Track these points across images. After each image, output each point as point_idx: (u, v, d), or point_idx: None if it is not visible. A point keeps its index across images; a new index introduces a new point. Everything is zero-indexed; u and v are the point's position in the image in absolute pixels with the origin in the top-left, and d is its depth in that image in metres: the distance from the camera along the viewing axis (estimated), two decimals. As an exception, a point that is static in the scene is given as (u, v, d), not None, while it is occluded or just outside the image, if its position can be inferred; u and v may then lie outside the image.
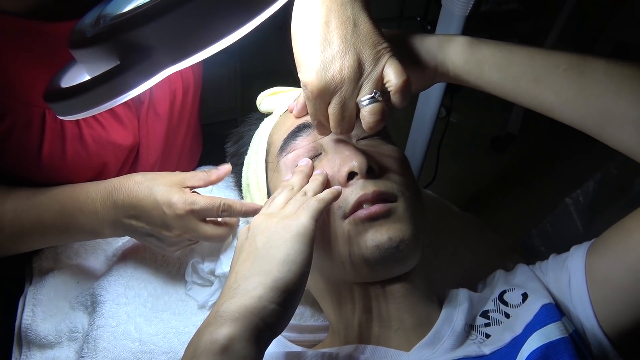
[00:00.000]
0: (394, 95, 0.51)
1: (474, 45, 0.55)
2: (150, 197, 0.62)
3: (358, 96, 0.51)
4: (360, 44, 0.50)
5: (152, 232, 0.64)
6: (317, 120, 0.55)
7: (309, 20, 0.51)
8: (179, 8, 0.38)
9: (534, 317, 0.54)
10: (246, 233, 0.52)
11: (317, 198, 0.53)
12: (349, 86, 0.50)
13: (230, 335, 0.41)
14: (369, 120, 0.51)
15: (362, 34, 0.50)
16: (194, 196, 0.63)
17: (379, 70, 0.50)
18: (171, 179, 0.64)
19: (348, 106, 0.52)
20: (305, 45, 0.51)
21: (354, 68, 0.50)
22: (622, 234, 0.54)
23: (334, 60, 0.49)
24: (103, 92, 0.41)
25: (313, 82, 0.50)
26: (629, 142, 0.50)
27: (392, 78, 0.50)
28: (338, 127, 0.53)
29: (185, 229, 0.64)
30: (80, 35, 0.44)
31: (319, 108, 0.53)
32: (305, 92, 0.52)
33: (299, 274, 0.46)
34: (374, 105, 0.50)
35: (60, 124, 0.63)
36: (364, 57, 0.50)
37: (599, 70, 0.51)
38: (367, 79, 0.50)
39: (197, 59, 0.42)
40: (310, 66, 0.50)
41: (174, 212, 0.61)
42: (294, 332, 0.67)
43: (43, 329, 0.67)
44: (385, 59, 0.50)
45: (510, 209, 1.61)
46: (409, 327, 0.58)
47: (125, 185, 0.64)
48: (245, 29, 0.42)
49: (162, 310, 0.67)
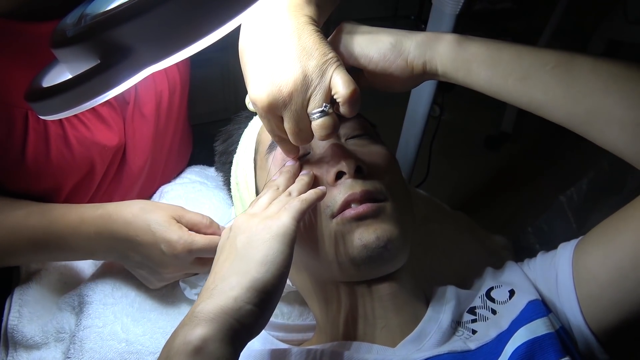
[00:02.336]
0: (342, 106, 0.51)
1: (462, 43, 0.55)
2: (148, 234, 0.61)
3: (308, 108, 0.51)
4: (305, 57, 0.50)
5: (146, 266, 0.64)
6: (276, 135, 0.56)
7: (256, 38, 0.51)
8: (159, 7, 0.37)
9: (520, 313, 0.55)
10: (228, 233, 0.52)
11: (300, 198, 0.52)
12: (297, 99, 0.50)
13: (204, 336, 0.41)
14: (321, 134, 0.52)
15: (306, 46, 0.50)
16: (192, 236, 0.61)
17: (326, 82, 0.50)
18: (168, 213, 0.62)
19: (300, 119, 0.52)
20: (252, 63, 0.51)
21: (300, 81, 0.50)
22: (610, 231, 0.54)
23: (279, 75, 0.50)
24: (83, 91, 0.41)
25: (262, 97, 0.51)
26: (615, 141, 0.50)
27: (340, 89, 0.50)
28: (297, 140, 0.54)
29: (180, 267, 0.63)
30: (61, 34, 0.43)
31: (273, 123, 0.54)
32: (256, 109, 0.53)
33: (278, 275, 0.46)
34: (324, 119, 0.51)
35: (43, 125, 0.62)
36: (309, 69, 0.50)
37: (586, 68, 0.50)
38: (314, 90, 0.50)
39: (178, 57, 0.41)
40: (257, 82, 0.51)
41: (172, 252, 0.60)
42: (281, 331, 0.67)
43: (30, 329, 0.66)
44: (331, 69, 0.50)
45: (503, 207, 1.61)
46: (395, 325, 0.58)
47: (122, 217, 0.62)
48: (228, 27, 0.41)
49: (149, 311, 0.67)
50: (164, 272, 0.64)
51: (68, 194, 0.70)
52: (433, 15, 0.92)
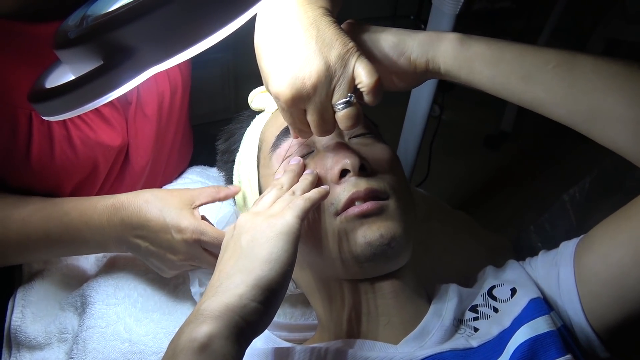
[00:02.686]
0: (367, 95, 0.51)
1: (464, 41, 0.56)
2: (159, 219, 0.61)
3: (332, 99, 0.51)
4: (326, 48, 0.50)
5: (156, 253, 0.64)
6: (297, 128, 0.56)
7: (272, 33, 0.51)
8: (162, 8, 0.38)
9: (522, 311, 0.55)
10: (232, 231, 0.52)
11: (303, 197, 0.53)
12: (321, 91, 0.50)
13: (209, 333, 0.41)
14: (346, 125, 0.52)
15: (326, 38, 0.50)
16: (203, 225, 0.61)
17: (349, 72, 0.51)
18: (181, 199, 0.63)
19: (325, 111, 0.52)
20: (271, 57, 0.51)
21: (324, 72, 0.50)
22: (611, 229, 0.54)
23: (302, 68, 0.50)
24: (86, 92, 0.41)
25: (284, 92, 0.50)
26: (616, 139, 0.50)
27: (363, 79, 0.50)
28: (320, 131, 0.54)
29: (190, 256, 0.63)
30: (64, 35, 0.43)
31: (296, 117, 0.54)
32: (278, 104, 0.53)
33: (282, 273, 0.46)
34: (350, 110, 0.51)
35: (47, 126, 0.63)
36: (332, 60, 0.50)
37: (588, 67, 0.51)
38: (338, 81, 0.51)
39: (181, 58, 0.42)
40: (279, 76, 0.51)
41: (182, 238, 0.61)
42: (284, 330, 0.67)
43: (33, 330, 0.66)
44: (354, 59, 0.51)
45: (504, 207, 1.61)
46: (397, 322, 0.58)
47: (134, 203, 0.62)
48: (231, 27, 0.42)
49: (152, 311, 0.67)
50: (174, 259, 0.63)
51: (71, 193, 0.70)
52: (433, 15, 0.93)
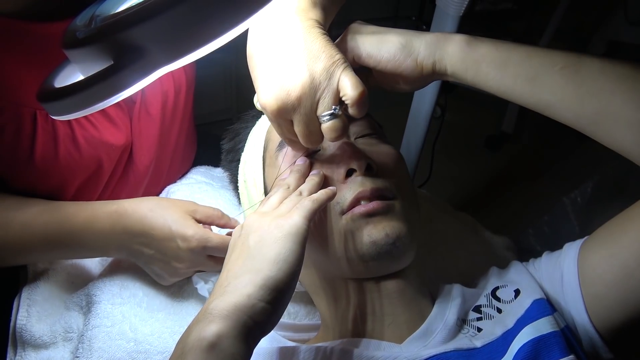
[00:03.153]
0: (351, 107, 0.51)
1: (471, 43, 0.56)
2: (164, 227, 0.62)
3: (317, 111, 0.52)
4: (312, 61, 0.50)
5: (160, 260, 0.64)
6: (287, 138, 0.56)
7: (263, 43, 0.52)
8: (173, 8, 0.38)
9: (525, 311, 0.55)
10: (239, 231, 0.52)
11: (311, 198, 0.53)
12: (306, 103, 0.51)
13: (218, 333, 0.42)
14: (331, 136, 0.52)
15: (313, 50, 0.50)
16: (208, 233, 0.63)
17: (334, 84, 0.51)
18: (183, 209, 0.64)
19: (310, 122, 0.52)
20: (259, 67, 0.52)
21: (308, 85, 0.50)
22: (616, 231, 0.54)
23: (287, 80, 0.50)
24: (97, 92, 0.41)
25: (270, 102, 0.51)
26: (622, 141, 0.50)
27: (348, 91, 0.50)
28: (307, 142, 0.54)
29: (194, 263, 0.64)
30: (73, 35, 0.43)
31: (284, 127, 0.54)
32: (266, 114, 0.53)
33: (290, 273, 0.47)
34: (334, 122, 0.51)
35: (51, 125, 0.63)
36: (317, 73, 0.50)
37: (595, 69, 0.51)
38: (323, 94, 0.51)
39: (191, 58, 0.42)
40: (266, 88, 0.51)
41: (187, 246, 0.62)
42: (289, 331, 0.67)
43: (38, 329, 0.66)
44: (339, 71, 0.51)
45: (505, 208, 1.61)
46: (402, 322, 0.58)
47: (138, 211, 0.63)
48: (240, 28, 0.42)
49: (157, 310, 0.67)
50: (179, 267, 0.64)
51: (75, 192, 0.70)
52: (436, 16, 0.93)
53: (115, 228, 0.63)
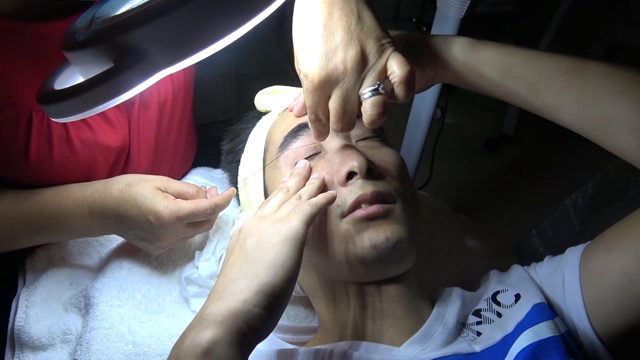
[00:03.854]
0: (397, 86, 0.50)
1: (474, 46, 0.55)
2: (135, 208, 0.62)
3: (360, 89, 0.50)
4: (364, 36, 0.50)
5: (142, 238, 0.65)
6: (315, 114, 0.54)
7: (312, 11, 0.50)
8: (173, 11, 0.38)
9: (525, 316, 0.55)
10: (237, 235, 0.52)
11: (310, 202, 0.52)
12: (352, 77, 0.49)
13: (212, 339, 0.41)
14: (371, 113, 0.50)
15: (365, 26, 0.50)
16: (178, 203, 0.62)
17: (382, 62, 0.50)
18: (154, 183, 0.64)
19: (350, 99, 0.51)
20: (306, 36, 0.50)
21: (358, 59, 0.49)
22: (618, 236, 0.54)
23: (337, 51, 0.49)
24: (97, 94, 0.41)
25: (314, 71, 0.49)
26: (626, 146, 0.50)
27: (395, 69, 0.49)
28: (339, 122, 0.52)
29: (173, 234, 0.64)
30: (73, 37, 0.43)
31: (319, 101, 0.52)
32: (305, 83, 0.51)
33: (286, 279, 0.46)
34: (376, 98, 0.50)
35: (47, 126, 0.62)
36: (367, 48, 0.49)
37: (598, 74, 0.51)
38: (370, 70, 0.50)
39: (192, 61, 0.42)
40: (312, 56, 0.49)
41: (160, 222, 0.61)
42: (288, 333, 0.67)
43: (36, 330, 0.66)
44: (389, 51, 0.50)
45: (505, 210, 1.61)
46: (401, 325, 0.58)
47: (110, 194, 0.63)
48: (241, 31, 0.42)
49: (155, 313, 0.67)
50: (160, 242, 0.65)
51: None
52: (437, 18, 0.92)
53: (94, 212, 0.64)
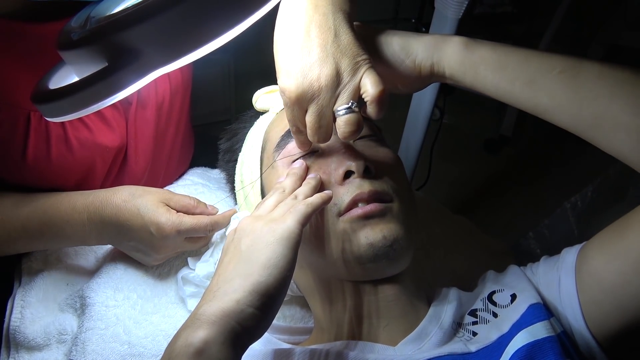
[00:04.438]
0: (369, 105, 0.52)
1: (470, 46, 0.56)
2: (137, 218, 0.62)
3: (335, 105, 0.52)
4: (339, 54, 0.51)
5: (139, 249, 0.66)
6: (295, 126, 0.56)
7: (291, 28, 0.52)
8: (168, 10, 0.37)
9: (520, 316, 0.55)
10: (233, 235, 0.52)
11: (305, 202, 0.53)
12: (326, 94, 0.51)
13: (205, 339, 0.41)
14: (344, 130, 0.52)
15: (342, 44, 0.51)
16: (180, 217, 0.63)
17: (356, 80, 0.51)
18: (157, 196, 0.64)
19: (325, 115, 0.52)
20: (285, 52, 0.52)
21: (332, 77, 0.50)
22: (613, 237, 0.54)
23: (312, 68, 0.50)
24: (92, 94, 0.41)
25: (291, 88, 0.51)
26: (621, 147, 0.50)
27: (368, 88, 0.51)
28: (315, 135, 0.54)
29: (171, 248, 0.65)
30: (68, 36, 0.43)
31: (297, 115, 0.54)
32: (283, 98, 0.53)
33: (280, 279, 0.46)
34: (350, 116, 0.51)
35: (45, 126, 0.62)
36: (342, 67, 0.51)
37: (593, 74, 0.51)
38: (344, 88, 0.51)
39: (187, 60, 0.41)
40: (289, 72, 0.51)
41: (161, 234, 0.62)
42: (284, 334, 0.67)
43: (32, 331, 0.66)
44: (363, 69, 0.51)
45: (503, 211, 1.61)
46: (397, 325, 0.58)
47: (112, 202, 0.64)
48: (236, 30, 0.42)
49: (151, 313, 0.67)
50: (158, 254, 0.66)
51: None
52: (435, 19, 0.93)
53: (93, 220, 0.64)
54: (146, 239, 0.63)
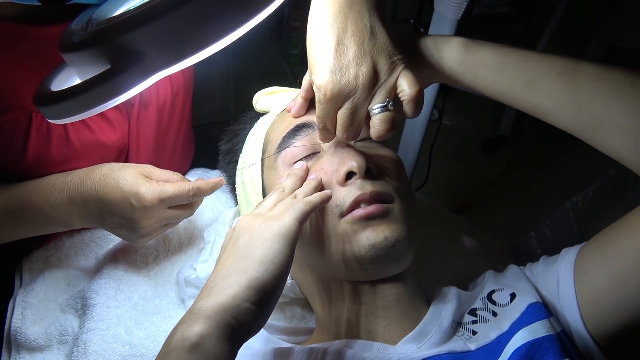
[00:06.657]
0: (406, 104, 0.52)
1: (469, 46, 0.56)
2: (117, 190, 0.61)
3: (370, 104, 0.52)
4: (376, 53, 0.51)
5: (123, 225, 0.64)
6: (323, 123, 0.55)
7: (326, 25, 0.51)
8: (170, 13, 0.38)
9: (520, 315, 0.55)
10: (231, 233, 0.52)
11: (304, 201, 0.53)
12: (363, 93, 0.51)
13: (201, 333, 0.41)
14: (380, 128, 0.52)
15: (378, 43, 0.51)
16: (161, 185, 0.62)
17: (393, 79, 0.51)
18: (138, 169, 0.64)
19: (358, 112, 0.52)
20: (321, 49, 0.51)
21: (370, 76, 0.50)
22: (612, 237, 0.54)
23: (350, 66, 0.50)
24: (94, 96, 0.41)
25: (327, 85, 0.51)
26: (618, 148, 0.50)
27: (405, 88, 0.51)
28: (345, 132, 0.54)
29: (156, 219, 0.64)
30: (70, 38, 0.43)
31: (329, 112, 0.54)
32: (318, 95, 0.53)
33: (277, 274, 0.47)
34: (386, 114, 0.52)
35: (46, 127, 0.63)
36: (379, 65, 0.51)
37: (592, 75, 0.51)
38: (380, 87, 0.51)
39: (189, 62, 0.42)
40: (326, 70, 0.51)
41: (142, 204, 0.61)
42: (284, 334, 0.67)
43: (33, 332, 0.66)
44: (399, 69, 0.52)
45: (502, 211, 1.61)
46: (397, 324, 0.59)
47: (92, 178, 0.63)
48: (238, 33, 0.42)
49: (152, 314, 0.67)
50: (140, 227, 0.64)
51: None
52: (435, 19, 0.93)
53: (74, 197, 0.63)
54: (128, 211, 0.62)
